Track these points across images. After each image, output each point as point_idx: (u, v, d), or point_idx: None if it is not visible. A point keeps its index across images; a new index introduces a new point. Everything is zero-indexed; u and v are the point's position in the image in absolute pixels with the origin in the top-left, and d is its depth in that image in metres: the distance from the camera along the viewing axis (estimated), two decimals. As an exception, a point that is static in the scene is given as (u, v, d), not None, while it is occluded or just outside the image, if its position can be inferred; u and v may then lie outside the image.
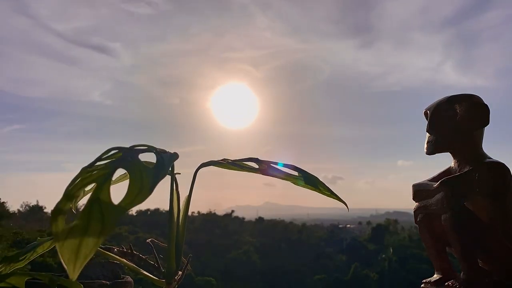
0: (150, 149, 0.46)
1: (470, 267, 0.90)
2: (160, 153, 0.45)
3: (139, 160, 0.41)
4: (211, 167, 0.59)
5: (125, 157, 0.42)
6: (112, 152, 0.43)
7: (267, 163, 0.59)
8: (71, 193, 0.38)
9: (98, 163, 0.41)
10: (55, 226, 0.35)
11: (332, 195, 0.60)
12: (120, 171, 0.40)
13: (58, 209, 0.36)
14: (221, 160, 0.59)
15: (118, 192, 0.38)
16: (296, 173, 0.60)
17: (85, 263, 0.34)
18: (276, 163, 0.59)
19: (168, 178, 0.55)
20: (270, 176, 0.60)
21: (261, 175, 0.59)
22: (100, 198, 0.36)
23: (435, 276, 1.01)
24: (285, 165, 0.60)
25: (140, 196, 0.37)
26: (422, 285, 1.01)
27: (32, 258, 0.52)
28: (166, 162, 0.43)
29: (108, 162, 0.42)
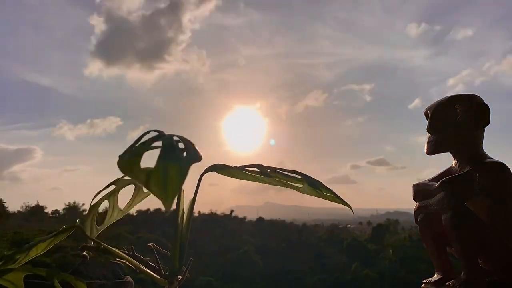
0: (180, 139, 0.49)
1: (471, 267, 0.90)
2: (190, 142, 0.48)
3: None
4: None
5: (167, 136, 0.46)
6: (152, 134, 0.47)
7: (271, 169, 0.58)
8: (139, 149, 0.43)
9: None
10: (132, 168, 0.40)
11: (337, 198, 0.60)
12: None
13: (133, 159, 0.41)
14: (225, 165, 0.59)
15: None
16: (299, 176, 0.59)
17: (175, 196, 0.38)
18: (280, 169, 0.59)
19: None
20: (273, 184, 0.59)
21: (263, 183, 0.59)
22: (165, 155, 0.41)
23: (436, 276, 1.01)
24: (288, 171, 0.59)
25: (191, 159, 0.42)
26: (422, 285, 1.01)
27: (31, 256, 0.52)
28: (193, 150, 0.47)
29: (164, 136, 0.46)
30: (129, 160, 0.41)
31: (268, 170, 0.59)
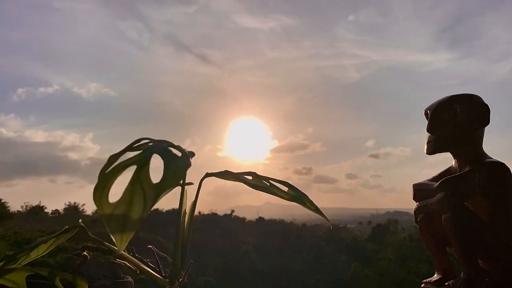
0: (171, 145, 0.49)
1: (471, 267, 0.90)
2: (182, 148, 0.48)
3: (169, 148, 0.45)
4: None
5: (157, 145, 0.46)
6: (143, 141, 0.46)
7: (265, 178, 0.63)
8: (110, 174, 0.41)
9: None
10: (99, 202, 0.39)
11: (317, 211, 0.65)
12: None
13: (100, 187, 0.40)
14: (224, 171, 0.62)
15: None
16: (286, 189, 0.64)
17: (131, 235, 0.38)
18: (272, 179, 0.63)
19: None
20: (264, 192, 0.64)
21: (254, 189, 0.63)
22: (140, 178, 0.40)
23: (436, 276, 1.01)
24: (279, 181, 0.64)
25: (175, 178, 0.41)
26: (422, 285, 1.01)
27: (32, 257, 0.52)
28: (188, 155, 0.46)
29: (146, 146, 0.45)
30: (98, 186, 0.39)
31: (261, 179, 0.63)
